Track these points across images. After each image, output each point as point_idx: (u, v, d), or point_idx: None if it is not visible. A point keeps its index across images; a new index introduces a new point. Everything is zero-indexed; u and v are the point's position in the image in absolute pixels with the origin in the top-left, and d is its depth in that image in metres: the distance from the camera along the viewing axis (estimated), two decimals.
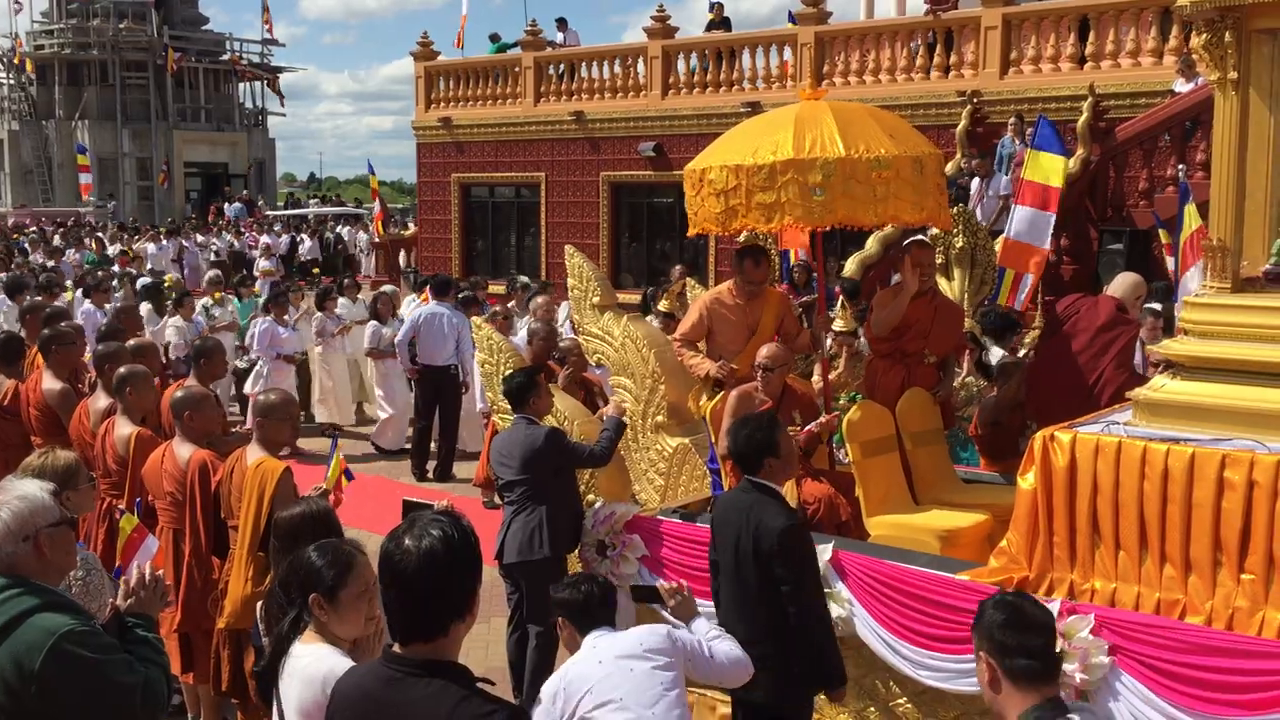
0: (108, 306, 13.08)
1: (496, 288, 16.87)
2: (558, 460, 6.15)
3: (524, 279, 15.07)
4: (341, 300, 14.30)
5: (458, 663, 2.71)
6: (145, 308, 13.47)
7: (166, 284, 16.49)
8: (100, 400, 6.75)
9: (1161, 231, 11.72)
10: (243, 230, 33.13)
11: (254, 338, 12.89)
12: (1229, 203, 4.90)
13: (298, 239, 31.98)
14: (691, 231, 6.57)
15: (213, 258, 28.06)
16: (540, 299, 11.51)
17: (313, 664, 3.46)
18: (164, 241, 28.12)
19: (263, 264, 24.26)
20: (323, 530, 4.17)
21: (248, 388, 12.97)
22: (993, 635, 2.98)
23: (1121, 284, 7.12)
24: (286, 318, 13.00)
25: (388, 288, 14.93)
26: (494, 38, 25.08)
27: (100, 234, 31.04)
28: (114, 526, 5.85)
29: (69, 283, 16.51)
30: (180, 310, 13.26)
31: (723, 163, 6.14)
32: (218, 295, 14.48)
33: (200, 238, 30.57)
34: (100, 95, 47.67)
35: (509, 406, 6.47)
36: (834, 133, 5.89)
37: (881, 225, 6.63)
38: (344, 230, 35.08)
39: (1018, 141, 14.73)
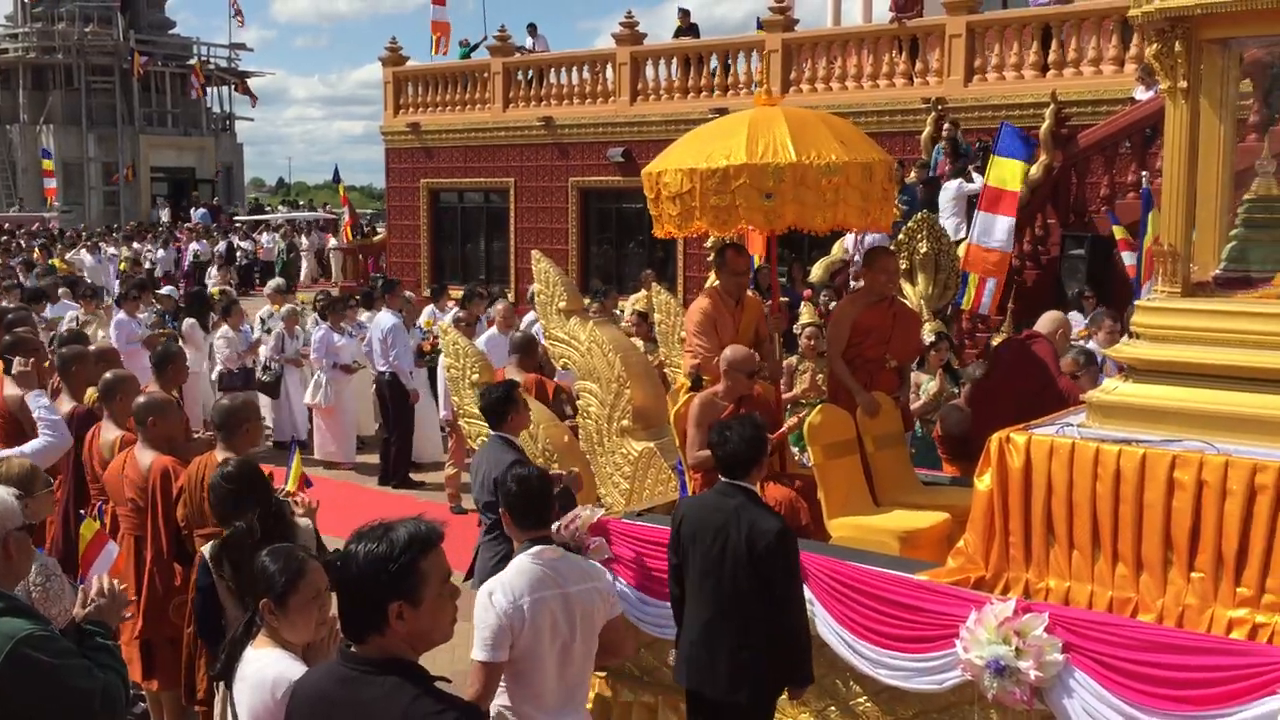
0: (140, 315, 13.00)
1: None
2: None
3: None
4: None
5: (414, 662, 2.74)
6: (189, 322, 13.33)
7: (214, 293, 16.21)
8: (65, 404, 6.72)
9: (1117, 228, 11.89)
10: (178, 236, 32.66)
11: (312, 346, 12.72)
12: (1180, 209, 4.99)
13: (235, 245, 31.43)
14: (657, 231, 6.65)
15: (148, 265, 27.66)
16: (499, 305, 11.50)
17: (263, 668, 3.50)
18: (101, 251, 27.58)
19: (214, 272, 24.02)
20: (259, 479, 4.81)
21: (306, 398, 12.88)
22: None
23: (1045, 321, 7.45)
24: (344, 325, 12.73)
25: (407, 294, 14.60)
26: (464, 43, 25.08)
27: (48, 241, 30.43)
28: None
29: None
30: (229, 319, 12.91)
31: (678, 166, 6.23)
32: (278, 306, 14.09)
33: (137, 245, 30.02)
34: (65, 99, 47.21)
35: (481, 416, 6.43)
36: (786, 138, 5.98)
37: (831, 229, 6.73)
38: (305, 238, 34.44)
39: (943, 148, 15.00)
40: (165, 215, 42.58)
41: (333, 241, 32.57)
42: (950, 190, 14.20)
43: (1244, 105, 5.41)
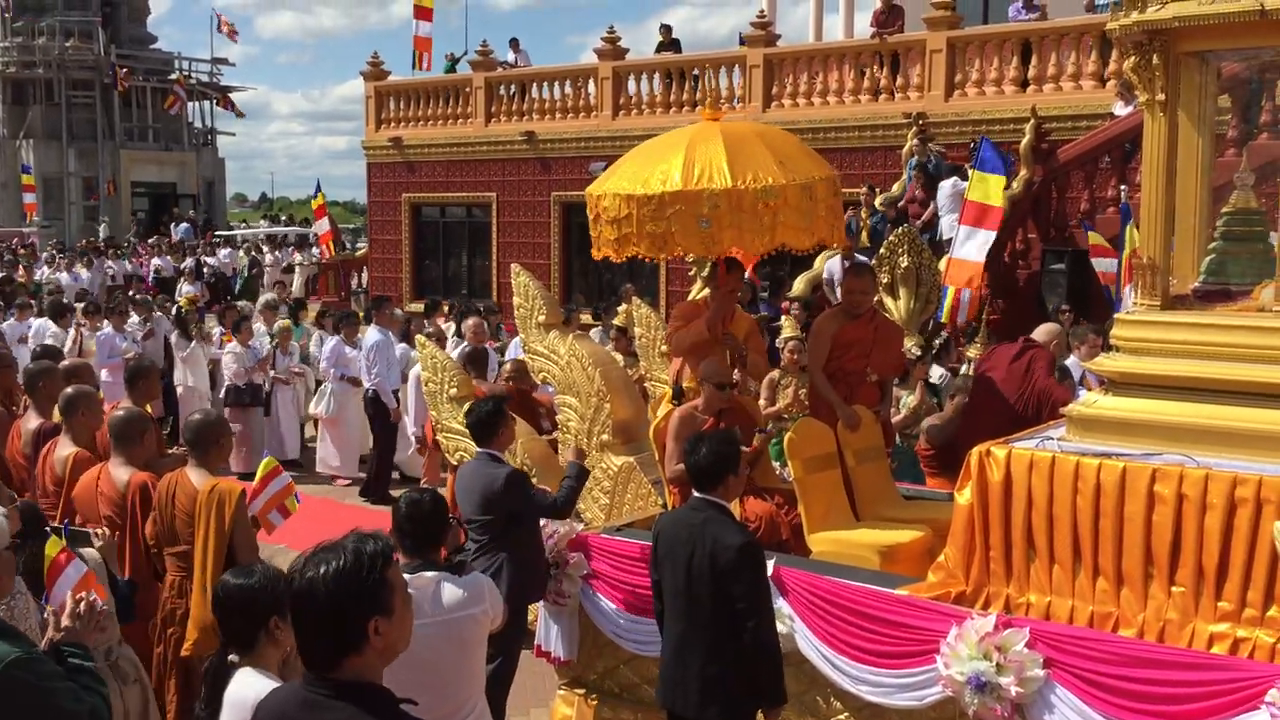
0: (126, 329, 12.90)
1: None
2: (514, 506, 5.85)
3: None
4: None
5: (380, 685, 2.68)
6: (175, 339, 13.33)
7: (184, 308, 16.12)
8: (31, 421, 6.64)
9: (1092, 234, 11.94)
10: (140, 251, 32.30)
11: (323, 356, 12.64)
12: (1159, 222, 5.00)
13: (201, 261, 31.01)
14: (596, 254, 6.58)
15: (109, 282, 27.31)
16: (470, 320, 11.44)
17: (243, 688, 3.48)
18: (79, 269, 27.22)
19: (186, 289, 23.81)
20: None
21: (310, 408, 12.78)
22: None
23: (1041, 332, 7.59)
24: (357, 339, 12.54)
25: (397, 311, 14.42)
26: (449, 57, 25.04)
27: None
28: None
29: None
30: (238, 335, 12.77)
31: (615, 190, 6.18)
32: (286, 323, 13.99)
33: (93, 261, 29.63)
34: (46, 114, 46.97)
35: (460, 431, 6.38)
36: (722, 162, 5.91)
37: (771, 251, 6.65)
38: (270, 253, 33.68)
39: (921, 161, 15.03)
40: (104, 230, 41.96)
41: (298, 257, 32.20)
42: (946, 189, 14.24)
43: (1221, 120, 5.43)
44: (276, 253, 32.89)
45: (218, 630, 3.83)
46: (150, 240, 35.99)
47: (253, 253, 33.23)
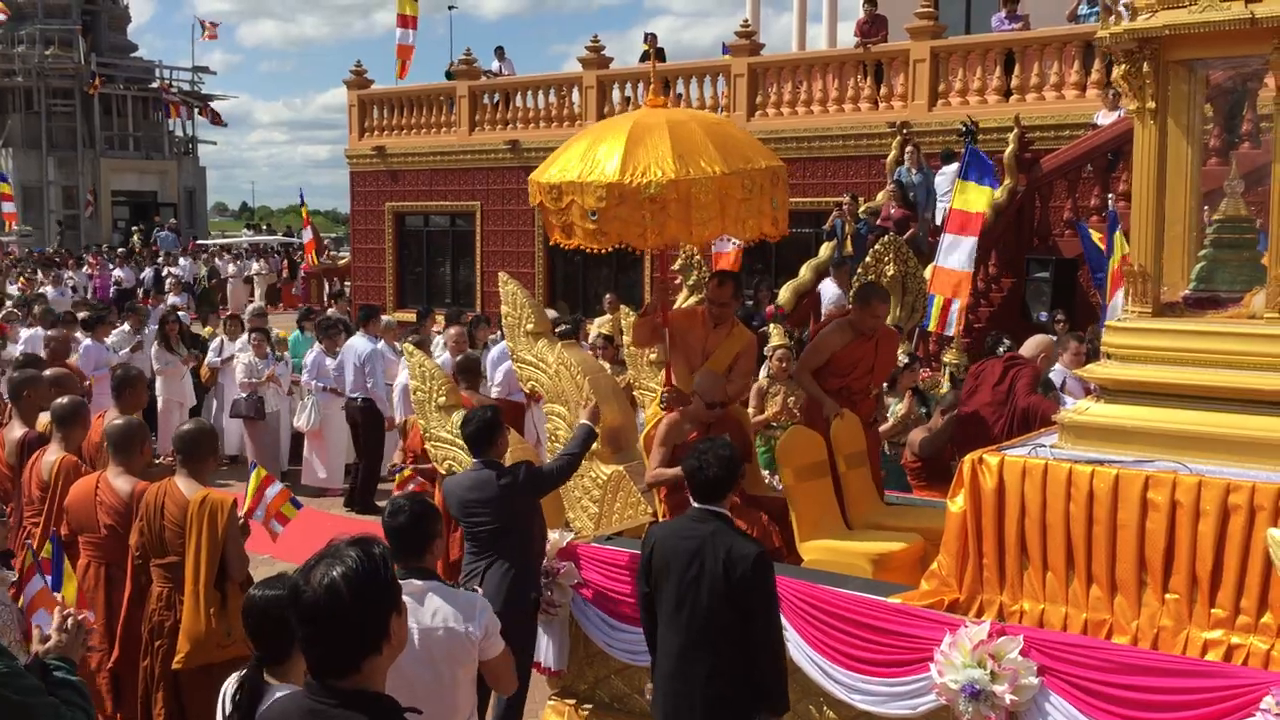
0: (108, 341, 12.84)
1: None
2: (539, 494, 5.84)
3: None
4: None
5: (381, 694, 2.65)
6: (155, 350, 13.31)
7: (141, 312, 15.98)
8: (15, 430, 6.57)
9: (1104, 235, 11.99)
10: (89, 262, 31.91)
11: (304, 368, 12.53)
12: (1149, 229, 5.01)
13: (163, 272, 30.62)
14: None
15: (70, 294, 27.00)
16: (453, 330, 11.38)
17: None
18: (63, 283, 26.92)
19: (173, 299, 23.63)
20: None
21: (295, 422, 12.70)
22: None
23: (1029, 345, 7.65)
24: (338, 349, 12.33)
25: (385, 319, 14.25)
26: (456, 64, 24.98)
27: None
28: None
29: None
30: (255, 346, 12.64)
31: (534, 176, 6.26)
32: (284, 333, 13.97)
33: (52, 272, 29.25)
34: (25, 122, 46.70)
35: (448, 439, 6.33)
36: (618, 153, 5.85)
37: (660, 247, 6.57)
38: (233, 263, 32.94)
39: (914, 171, 15.02)
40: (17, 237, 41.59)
41: (256, 267, 31.99)
42: (949, 174, 14.27)
43: (1207, 130, 5.45)
44: (239, 263, 32.60)
45: (249, 643, 3.73)
46: (119, 250, 35.58)
47: (213, 262, 32.89)
